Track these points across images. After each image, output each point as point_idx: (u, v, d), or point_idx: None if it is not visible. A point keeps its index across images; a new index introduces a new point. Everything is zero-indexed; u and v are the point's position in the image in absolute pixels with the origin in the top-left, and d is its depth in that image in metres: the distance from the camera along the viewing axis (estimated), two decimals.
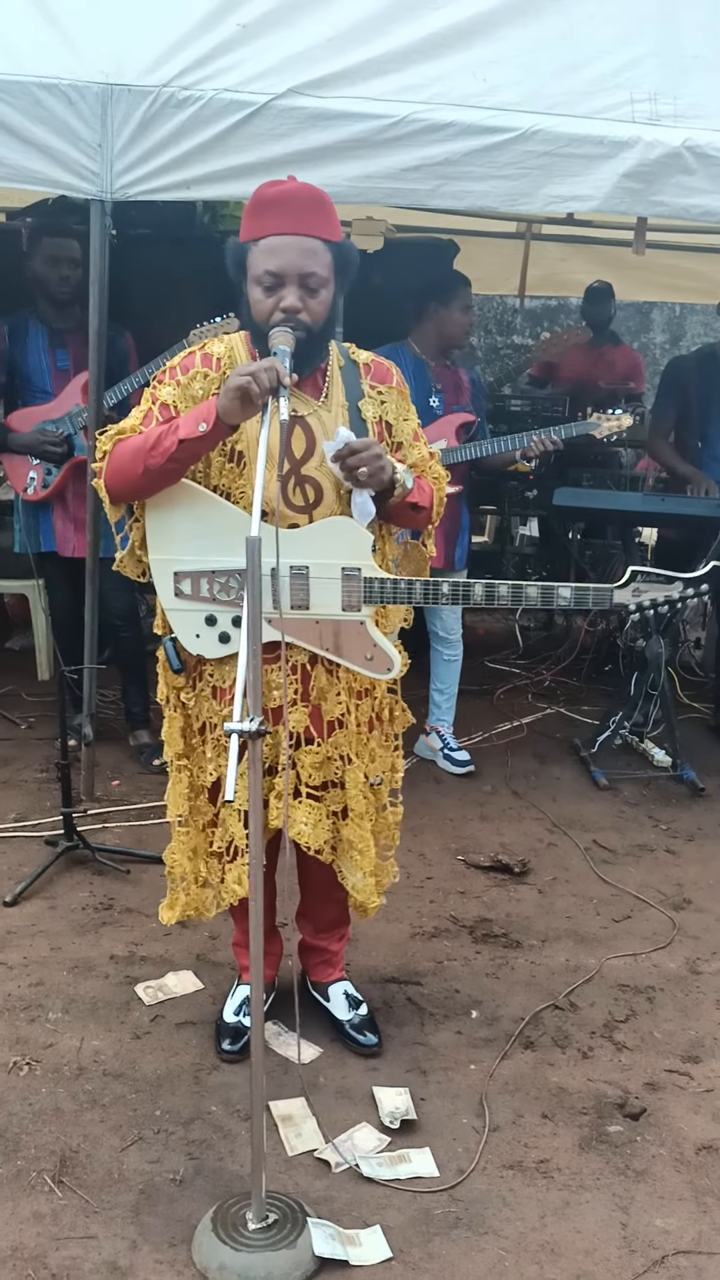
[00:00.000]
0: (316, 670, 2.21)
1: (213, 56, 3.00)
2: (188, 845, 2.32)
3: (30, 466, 3.81)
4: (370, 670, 2.20)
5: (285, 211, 2.01)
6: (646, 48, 3.21)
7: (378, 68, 3.06)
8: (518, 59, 3.14)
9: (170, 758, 2.30)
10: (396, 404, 2.23)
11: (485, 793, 3.92)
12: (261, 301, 2.03)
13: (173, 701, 2.27)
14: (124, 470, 2.09)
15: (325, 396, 2.17)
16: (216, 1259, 1.86)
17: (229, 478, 2.14)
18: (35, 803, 3.65)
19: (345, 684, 2.23)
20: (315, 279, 2.02)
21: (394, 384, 2.24)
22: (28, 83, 2.93)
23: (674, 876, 3.35)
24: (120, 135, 2.99)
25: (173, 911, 2.37)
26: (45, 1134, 2.17)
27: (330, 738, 2.23)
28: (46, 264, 3.71)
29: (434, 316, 3.82)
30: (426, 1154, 2.15)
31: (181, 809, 2.30)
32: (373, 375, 2.22)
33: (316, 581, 2.15)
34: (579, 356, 6.22)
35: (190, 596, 2.17)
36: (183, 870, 2.33)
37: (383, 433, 2.21)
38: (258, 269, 2.02)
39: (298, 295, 2.01)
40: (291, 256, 1.99)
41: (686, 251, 5.70)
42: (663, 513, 4.22)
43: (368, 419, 2.18)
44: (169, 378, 2.14)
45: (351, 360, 2.22)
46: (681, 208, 3.16)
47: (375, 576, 2.15)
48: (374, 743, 2.31)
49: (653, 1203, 2.06)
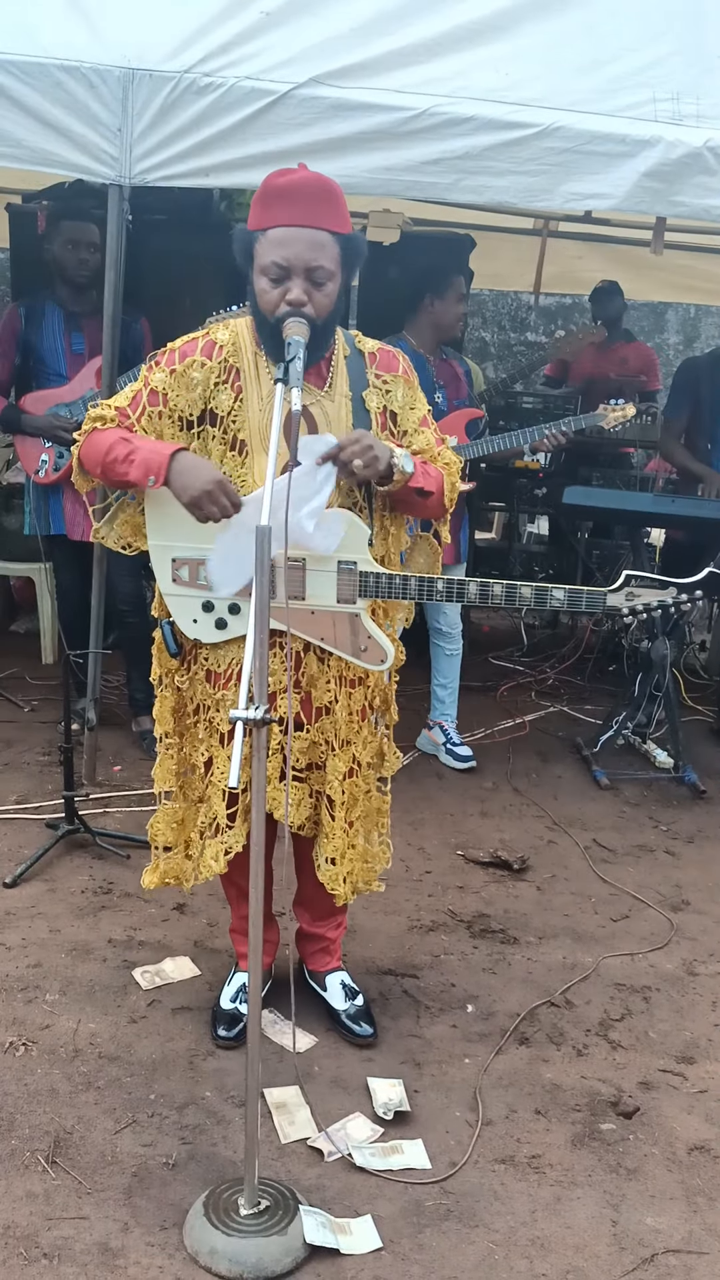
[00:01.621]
0: (308, 658, 2.23)
1: (235, 44, 2.99)
2: (174, 816, 2.38)
3: (42, 449, 3.81)
4: (364, 662, 2.21)
5: (294, 202, 2.00)
6: (670, 46, 3.20)
7: (400, 60, 3.05)
8: (541, 54, 3.13)
9: (160, 735, 2.35)
10: (403, 392, 2.23)
11: (486, 789, 3.92)
12: (267, 293, 2.03)
13: (166, 682, 2.32)
14: (89, 460, 2.15)
15: (329, 386, 2.16)
16: (208, 1243, 1.87)
17: (231, 465, 2.14)
18: (37, 785, 3.66)
19: (336, 672, 2.24)
20: (322, 272, 2.01)
21: (400, 372, 2.23)
22: (49, 65, 2.93)
23: (673, 878, 3.35)
24: (140, 120, 2.98)
25: (153, 875, 2.43)
26: (40, 1115, 2.17)
27: (317, 723, 2.26)
28: (65, 247, 3.71)
29: (429, 309, 3.77)
30: (419, 1146, 2.16)
31: (169, 783, 2.36)
32: (379, 364, 2.22)
33: (313, 573, 2.15)
34: (591, 354, 6.20)
35: (188, 583, 2.19)
36: (165, 839, 2.39)
37: (386, 423, 2.21)
38: (264, 260, 2.01)
39: (303, 288, 2.00)
40: (299, 249, 1.99)
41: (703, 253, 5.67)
42: (672, 514, 4.21)
43: (371, 409, 2.18)
44: (165, 362, 2.14)
45: (358, 349, 2.22)
46: (702, 208, 3.15)
47: (371, 571, 2.16)
48: (366, 730, 2.34)
49: (644, 1201, 2.06)
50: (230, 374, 2.13)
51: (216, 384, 2.12)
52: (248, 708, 1.76)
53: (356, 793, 2.35)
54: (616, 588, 2.20)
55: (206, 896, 2.95)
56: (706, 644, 5.54)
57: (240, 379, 2.12)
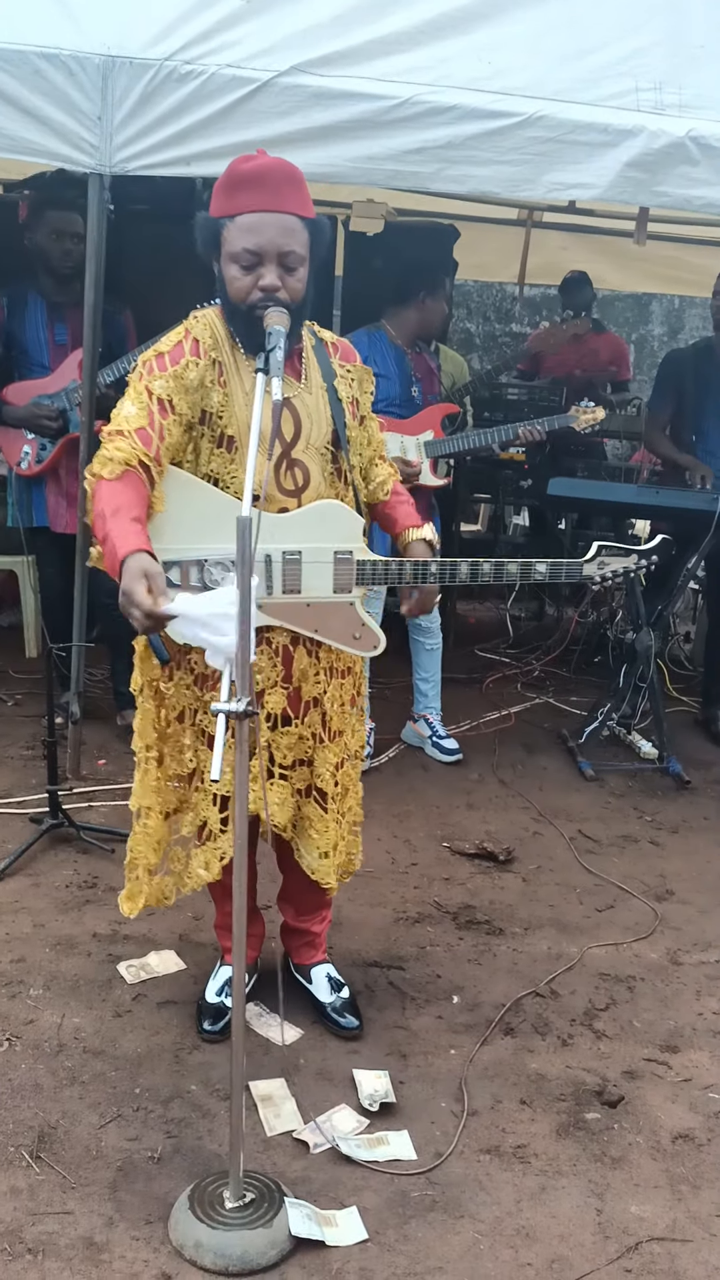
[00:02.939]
0: (298, 651, 2.21)
1: (216, 31, 2.97)
2: (152, 837, 2.26)
3: (25, 441, 3.79)
4: (357, 649, 2.22)
5: (263, 187, 1.98)
6: (653, 36, 3.19)
7: (382, 48, 3.04)
8: (523, 44, 3.12)
9: (139, 748, 2.23)
10: (360, 379, 2.27)
11: (472, 781, 3.93)
12: (239, 279, 2.01)
13: (147, 691, 2.21)
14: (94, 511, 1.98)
15: (305, 378, 2.16)
16: (193, 1236, 1.86)
17: (220, 463, 2.12)
18: (21, 780, 3.64)
19: (326, 664, 2.24)
20: (293, 257, 2.00)
21: (358, 361, 2.27)
22: (28, 52, 2.90)
23: (657, 868, 3.36)
24: (120, 108, 2.96)
25: (134, 903, 2.29)
26: (24, 1109, 2.17)
27: (306, 717, 2.24)
28: (49, 237, 3.67)
29: (420, 306, 3.75)
30: (405, 1137, 2.16)
31: (147, 800, 2.24)
32: (340, 354, 2.24)
33: (309, 566, 2.15)
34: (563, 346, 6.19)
35: (179, 586, 2.16)
36: (148, 862, 2.27)
37: (353, 410, 2.23)
38: (235, 246, 1.99)
39: (276, 274, 1.99)
40: (271, 235, 1.98)
41: (687, 244, 5.68)
42: (656, 505, 4.21)
43: (343, 398, 2.19)
44: (159, 367, 2.05)
45: (320, 339, 2.23)
46: (684, 199, 3.15)
47: (367, 559, 2.17)
48: (354, 719, 2.34)
49: (628, 1190, 2.07)
50: (216, 370, 2.10)
51: (210, 383, 2.08)
52: (230, 700, 1.74)
53: (347, 783, 2.35)
54: (590, 558, 2.37)
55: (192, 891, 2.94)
56: (691, 635, 5.56)
57: (224, 374, 2.10)
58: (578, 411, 4.01)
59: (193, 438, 2.11)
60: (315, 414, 2.14)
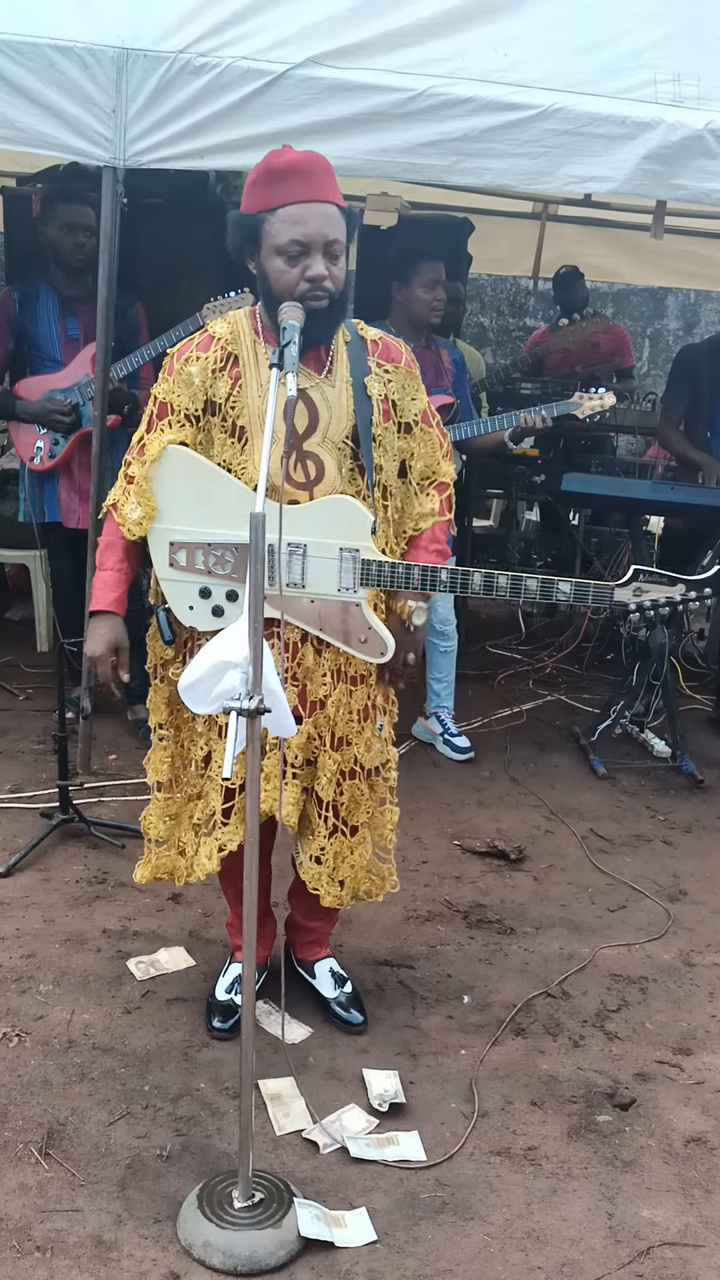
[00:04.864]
0: (305, 649, 2.19)
1: (231, 23, 2.95)
2: (166, 809, 2.34)
3: (37, 436, 3.78)
4: (364, 653, 2.18)
5: (303, 178, 1.99)
6: (671, 28, 3.16)
7: (398, 40, 3.01)
8: (540, 35, 3.10)
9: (154, 725, 2.32)
10: (404, 383, 2.20)
11: (483, 778, 3.91)
12: (286, 272, 2.00)
13: (159, 672, 2.29)
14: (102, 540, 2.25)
15: (329, 371, 2.14)
16: (201, 1236, 1.86)
17: (231, 452, 2.12)
18: (31, 774, 3.64)
19: (333, 665, 2.20)
20: (338, 245, 2.02)
21: (403, 363, 2.21)
22: (42, 44, 2.89)
23: (670, 868, 3.34)
24: (135, 101, 2.95)
25: (145, 869, 2.39)
26: (33, 1106, 2.16)
27: (311, 716, 2.22)
28: (61, 231, 3.66)
29: (396, 296, 3.69)
30: (414, 1137, 2.14)
31: (161, 775, 2.33)
32: (380, 353, 2.19)
33: (313, 560, 2.12)
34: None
35: (185, 568, 2.16)
36: (157, 832, 2.35)
37: (389, 410, 2.18)
38: (281, 239, 1.99)
39: (323, 263, 2.00)
40: (317, 224, 1.98)
41: (704, 238, 5.64)
42: (671, 501, 4.18)
43: (373, 396, 2.15)
44: (166, 369, 2.15)
45: (360, 336, 2.19)
46: (702, 192, 3.12)
47: (373, 559, 2.13)
48: (368, 732, 2.28)
49: (640, 1193, 2.06)
50: (228, 362, 2.11)
51: (214, 373, 2.10)
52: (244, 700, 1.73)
53: (358, 797, 2.29)
54: (624, 583, 2.16)
55: (202, 887, 2.93)
56: (705, 632, 5.52)
57: (238, 366, 2.11)
58: (583, 398, 3.95)
59: (202, 427, 2.13)
60: (335, 407, 2.12)
